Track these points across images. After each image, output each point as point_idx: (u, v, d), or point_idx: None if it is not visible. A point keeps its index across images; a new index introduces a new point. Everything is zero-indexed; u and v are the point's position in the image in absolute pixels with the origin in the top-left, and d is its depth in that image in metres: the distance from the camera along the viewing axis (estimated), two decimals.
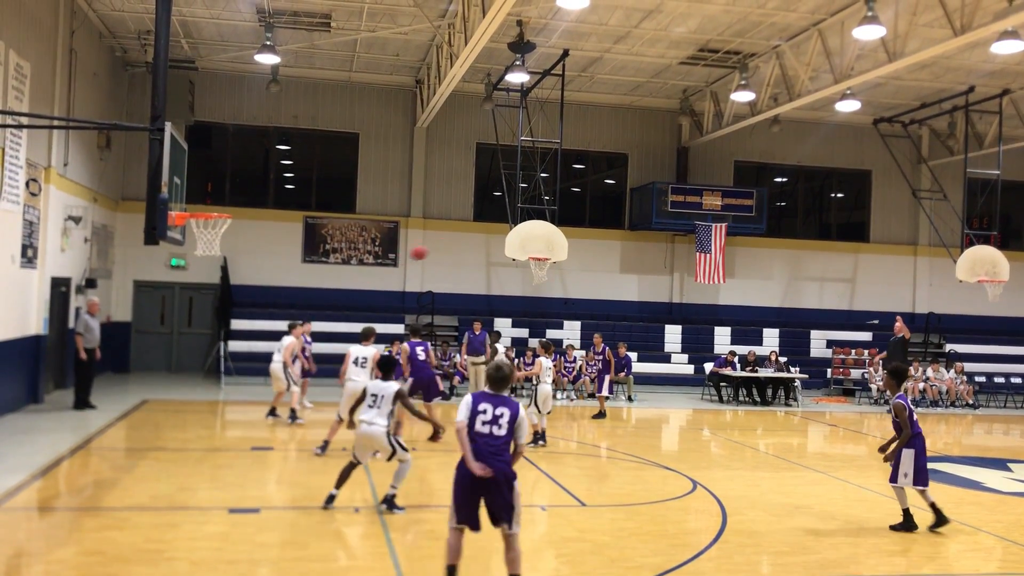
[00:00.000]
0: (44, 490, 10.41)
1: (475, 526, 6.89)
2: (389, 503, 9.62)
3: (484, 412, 6.78)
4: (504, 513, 6.75)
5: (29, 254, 16.12)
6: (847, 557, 8.80)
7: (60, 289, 17.80)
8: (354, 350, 13.38)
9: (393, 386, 9.62)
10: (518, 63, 19.52)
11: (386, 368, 9.82)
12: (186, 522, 8.98)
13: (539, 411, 14.23)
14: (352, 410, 10.32)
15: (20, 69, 15.04)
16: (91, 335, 16.18)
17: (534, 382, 14.71)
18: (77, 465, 11.81)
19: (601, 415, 18.25)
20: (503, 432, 6.77)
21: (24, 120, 14.96)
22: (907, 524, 9.56)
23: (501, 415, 6.80)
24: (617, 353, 21.65)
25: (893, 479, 9.70)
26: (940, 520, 9.61)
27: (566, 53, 20.62)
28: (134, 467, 12.00)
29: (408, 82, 24.82)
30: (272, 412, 15.88)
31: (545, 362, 14.47)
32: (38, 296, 16.51)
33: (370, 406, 9.57)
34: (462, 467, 6.84)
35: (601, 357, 19.53)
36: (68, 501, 10.04)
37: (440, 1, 18.14)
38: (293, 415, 15.49)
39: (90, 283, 20.03)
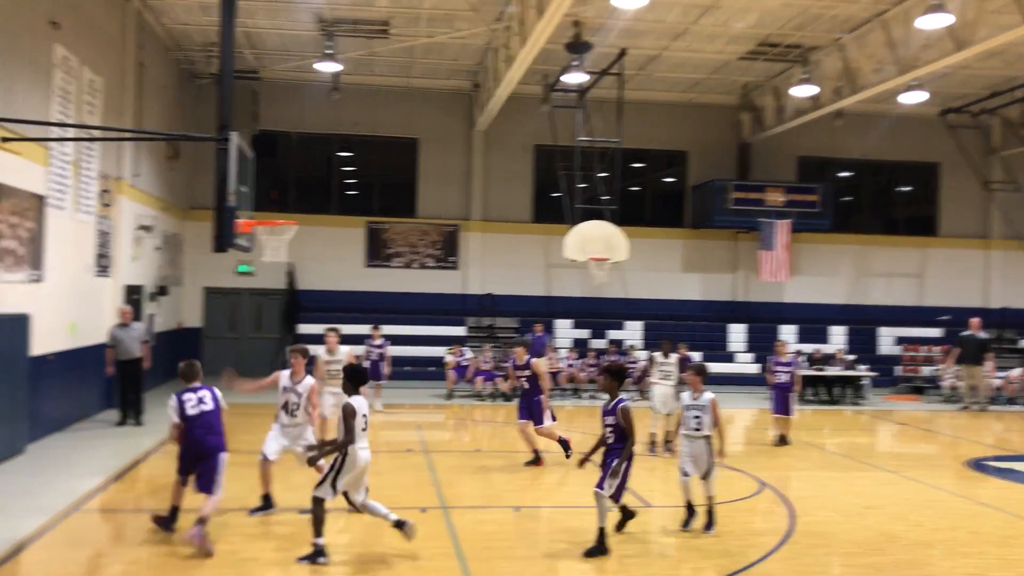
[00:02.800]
0: (120, 492, 10.74)
1: None
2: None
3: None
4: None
5: (103, 263, 16.62)
6: (921, 559, 8.63)
7: (133, 297, 18.30)
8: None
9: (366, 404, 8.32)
10: (575, 63, 19.49)
11: (357, 379, 8.32)
12: (256, 524, 9.17)
13: (655, 412, 13.94)
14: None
15: (93, 84, 15.52)
16: (122, 347, 15.22)
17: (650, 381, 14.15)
18: (151, 468, 12.13)
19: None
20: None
21: (97, 133, 15.45)
22: None
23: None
24: (679, 353, 21.49)
25: None
26: None
27: (623, 52, 20.55)
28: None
29: (466, 86, 24.97)
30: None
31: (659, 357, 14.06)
32: (112, 304, 17.00)
33: (363, 429, 8.17)
34: None
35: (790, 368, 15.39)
36: (143, 503, 10.33)
37: (496, 4, 18.22)
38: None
39: (161, 291, 20.57)
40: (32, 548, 8.22)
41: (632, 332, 24.51)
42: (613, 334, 24.23)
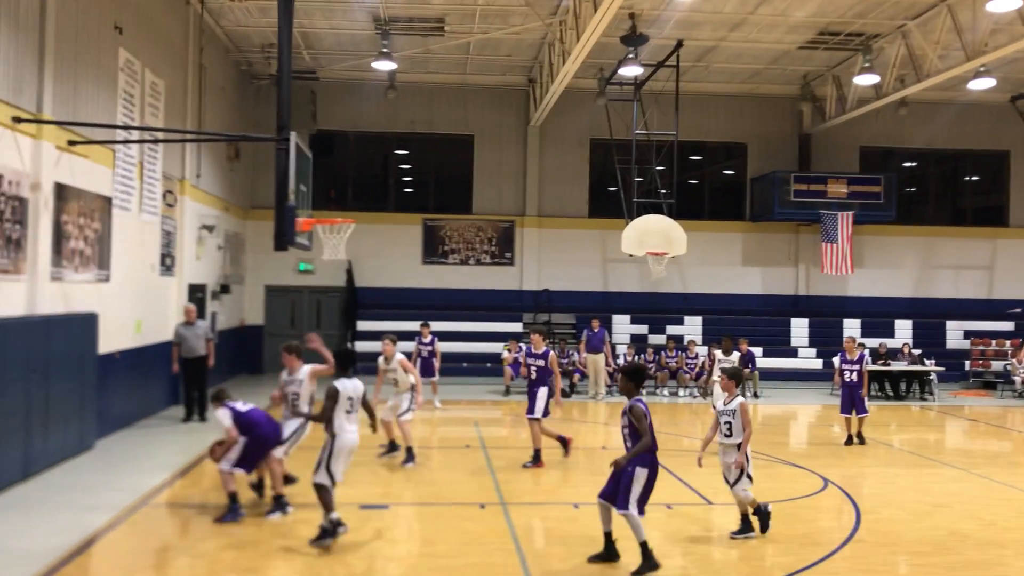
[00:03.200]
0: (185, 487, 10.94)
1: None
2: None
3: None
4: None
5: (167, 262, 16.97)
6: (993, 559, 8.38)
7: (196, 295, 18.65)
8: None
9: (362, 386, 8.65)
10: (631, 56, 19.34)
11: (345, 362, 8.66)
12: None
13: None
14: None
15: (155, 87, 15.84)
16: (186, 345, 15.44)
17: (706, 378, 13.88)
18: (216, 464, 12.32)
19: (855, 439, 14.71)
20: None
21: (160, 135, 15.77)
22: None
23: None
24: (739, 348, 21.25)
25: None
26: None
27: (680, 44, 20.33)
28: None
29: (521, 82, 24.94)
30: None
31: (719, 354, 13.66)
32: (177, 303, 17.35)
33: (348, 411, 8.47)
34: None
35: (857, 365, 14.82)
36: (209, 498, 10.51)
37: None
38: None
39: (224, 289, 20.93)
40: (102, 542, 8.42)
41: (691, 327, 24.26)
42: (672, 329, 24.00)
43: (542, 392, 12.22)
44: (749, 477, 8.97)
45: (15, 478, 10.37)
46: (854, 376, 14.57)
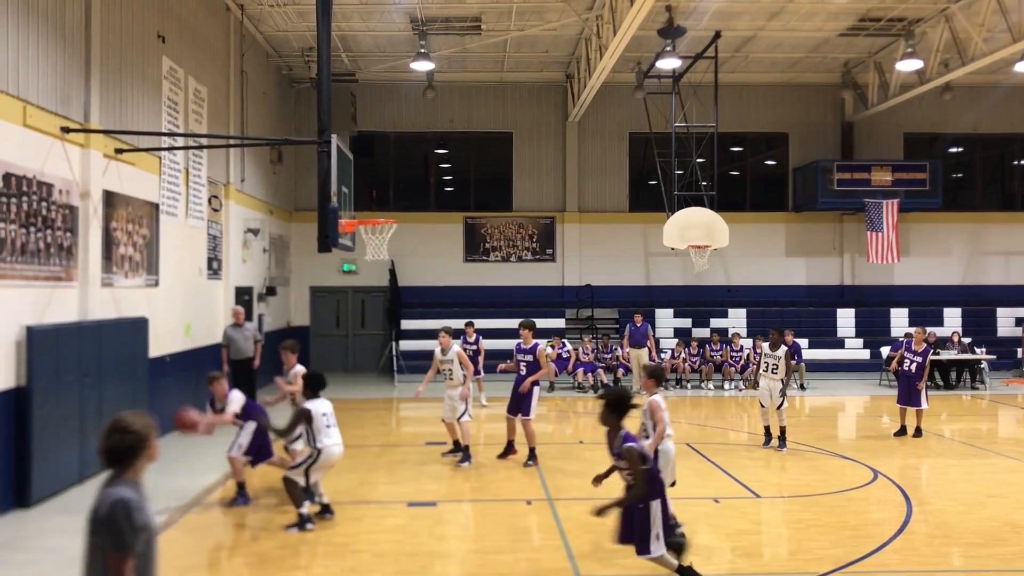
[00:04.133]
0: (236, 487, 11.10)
1: None
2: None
3: None
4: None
5: (214, 266, 17.24)
6: None
7: (244, 298, 18.92)
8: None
9: (330, 403, 9.16)
10: (668, 49, 19.21)
11: (316, 385, 9.09)
12: (367, 516, 9.38)
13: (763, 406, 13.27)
14: None
15: (198, 94, 16.10)
16: (235, 346, 15.63)
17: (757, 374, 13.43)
18: (265, 464, 12.50)
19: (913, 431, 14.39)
20: None
21: (204, 141, 16.03)
22: None
23: None
24: (785, 340, 21.03)
25: None
26: None
27: (718, 35, 20.18)
28: None
29: (558, 78, 24.93)
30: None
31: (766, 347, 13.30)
32: (224, 305, 17.62)
33: (328, 426, 9.03)
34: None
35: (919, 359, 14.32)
36: (258, 497, 10.67)
37: None
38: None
39: (270, 291, 21.21)
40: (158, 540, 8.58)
41: (736, 320, 24.08)
42: (716, 322, 23.86)
43: (536, 392, 12.29)
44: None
45: (71, 481, 10.64)
46: (913, 367, 14.11)
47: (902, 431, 14.27)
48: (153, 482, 11.04)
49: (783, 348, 13.20)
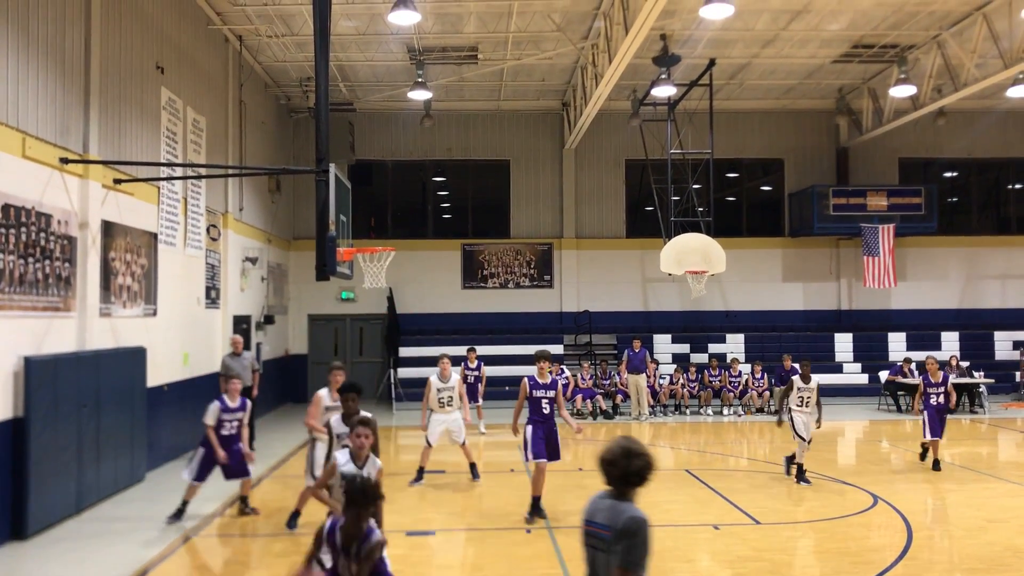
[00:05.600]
0: (235, 518, 11.06)
1: None
2: None
3: None
4: None
5: (212, 295, 17.25)
6: None
7: (242, 326, 18.92)
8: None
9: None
10: (663, 76, 19.39)
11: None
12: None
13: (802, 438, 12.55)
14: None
15: (197, 124, 16.20)
16: (233, 375, 15.86)
17: (790, 407, 12.64)
18: (263, 493, 12.48)
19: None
20: None
21: (202, 171, 16.10)
22: None
23: None
24: (783, 366, 21.05)
25: None
26: None
27: (712, 62, 20.36)
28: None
29: (555, 106, 25.10)
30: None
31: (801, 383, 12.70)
32: (223, 334, 17.62)
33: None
34: None
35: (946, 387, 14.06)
36: (257, 528, 10.64)
37: (583, 23, 18.29)
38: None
39: (268, 319, 21.21)
40: (155, 572, 8.54)
41: (734, 345, 24.09)
42: (714, 347, 23.87)
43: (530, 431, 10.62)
44: None
45: (69, 511, 10.59)
46: (941, 399, 13.76)
47: (937, 464, 13.51)
48: (154, 511, 11.02)
49: (815, 380, 12.81)
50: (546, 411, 10.54)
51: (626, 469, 4.23)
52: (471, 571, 8.64)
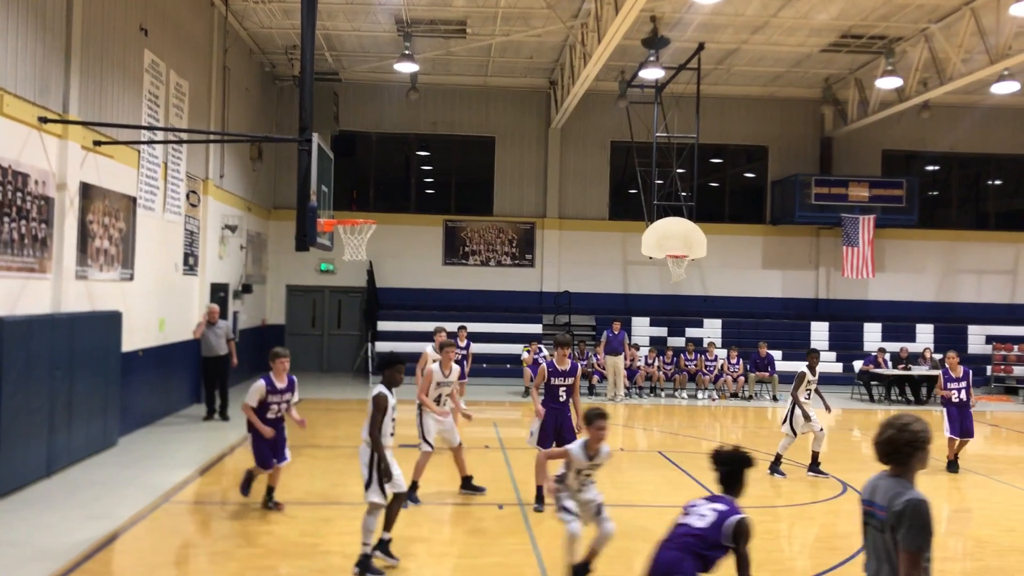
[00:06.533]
0: (208, 485, 11.05)
1: None
2: (365, 561, 7.47)
3: None
4: None
5: (190, 262, 17.13)
6: (1014, 565, 8.33)
7: (219, 294, 18.81)
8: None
9: (375, 389, 7.74)
10: (652, 59, 19.33)
11: (379, 366, 8.05)
12: (339, 517, 9.34)
13: (794, 432, 12.21)
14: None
15: (180, 88, 16.01)
16: (207, 343, 15.60)
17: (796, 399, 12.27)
18: (237, 461, 12.45)
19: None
20: None
21: (184, 136, 15.93)
22: None
23: None
24: (758, 353, 21.20)
25: None
26: None
27: (701, 46, 20.32)
28: (290, 464, 12.54)
29: (542, 84, 24.99)
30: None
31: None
32: (199, 301, 17.52)
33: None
34: None
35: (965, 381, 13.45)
36: (229, 495, 10.62)
37: (573, 1, 18.18)
38: None
39: (246, 288, 21.09)
40: (125, 537, 8.52)
41: (711, 330, 24.21)
42: (691, 332, 23.98)
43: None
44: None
45: (39, 474, 10.52)
46: (963, 395, 13.13)
47: (952, 465, 12.98)
48: (125, 476, 11.00)
49: (817, 372, 12.52)
50: (562, 399, 10.21)
51: (895, 442, 4.20)
52: (443, 545, 8.66)
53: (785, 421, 12.41)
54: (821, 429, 12.28)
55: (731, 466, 5.32)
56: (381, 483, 7.51)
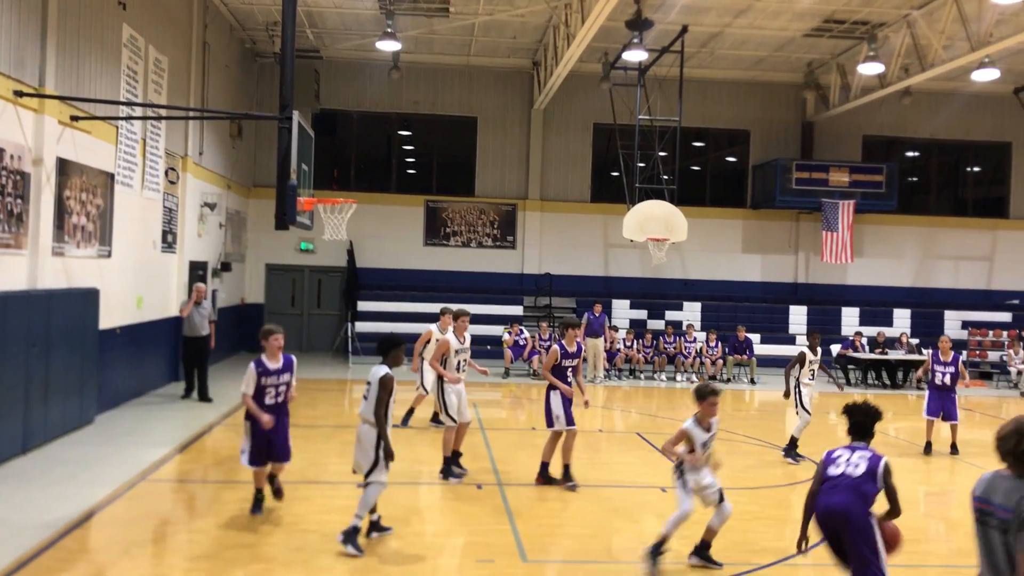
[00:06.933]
0: (185, 463, 11.02)
1: None
2: (349, 536, 7.53)
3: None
4: None
5: (169, 239, 17.00)
6: None
7: (198, 272, 18.69)
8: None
9: (380, 370, 7.74)
10: (635, 41, 19.27)
11: (382, 348, 7.89)
12: (317, 496, 9.35)
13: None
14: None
15: (159, 63, 15.83)
16: (189, 324, 15.28)
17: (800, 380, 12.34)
18: (215, 440, 12.43)
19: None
20: None
21: (163, 112, 15.76)
22: None
23: None
24: (736, 336, 21.33)
25: None
26: None
27: (685, 29, 20.29)
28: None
29: (525, 64, 24.89)
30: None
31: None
32: (178, 279, 17.40)
33: (365, 396, 7.80)
34: None
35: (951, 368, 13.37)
36: (208, 474, 10.60)
37: None
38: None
39: (225, 267, 20.97)
40: (101, 515, 8.49)
41: (691, 313, 24.31)
42: (671, 315, 24.07)
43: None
44: None
45: (15, 451, 10.45)
46: (947, 379, 13.17)
47: (928, 448, 13.16)
48: (102, 454, 10.95)
49: (819, 352, 12.56)
50: (569, 379, 10.28)
51: (1018, 446, 4.21)
52: (420, 524, 8.69)
53: (797, 405, 12.37)
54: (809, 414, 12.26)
55: (863, 417, 6.11)
56: (387, 463, 7.63)
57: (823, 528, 5.92)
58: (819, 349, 12.63)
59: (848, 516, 5.73)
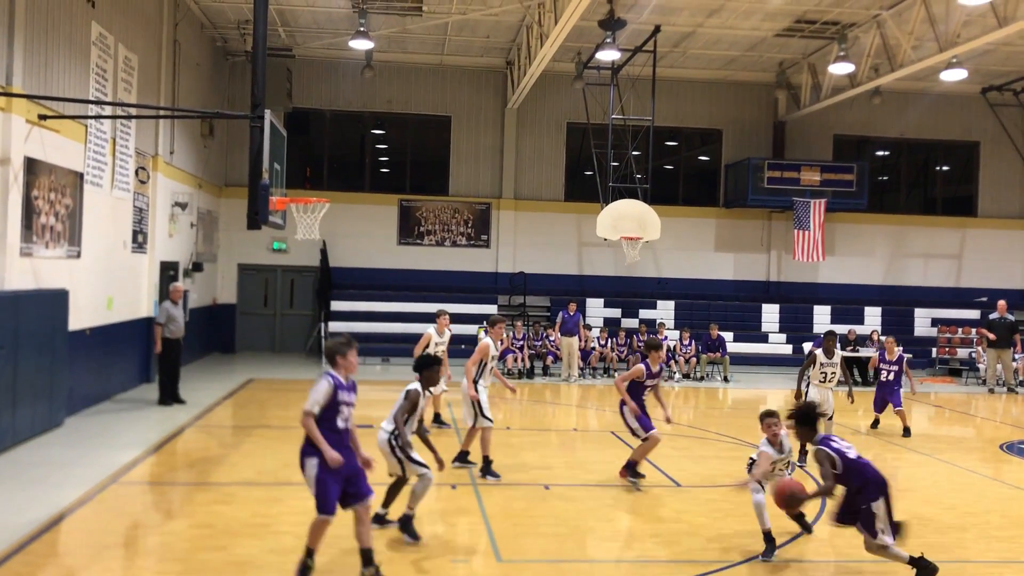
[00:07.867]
0: (157, 465, 10.92)
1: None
2: (404, 524, 8.05)
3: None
4: None
5: (139, 239, 16.83)
6: (953, 542, 8.57)
7: (168, 273, 18.52)
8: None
9: (411, 385, 8.24)
10: (608, 40, 19.33)
11: (418, 366, 8.39)
12: (291, 497, 9.29)
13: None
14: None
15: (128, 62, 15.66)
16: (174, 325, 14.85)
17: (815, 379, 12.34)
18: (187, 442, 12.32)
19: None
20: None
21: (133, 111, 15.60)
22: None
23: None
24: (709, 334, 21.45)
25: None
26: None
27: (658, 29, 20.37)
28: (240, 444, 12.47)
29: (499, 64, 24.88)
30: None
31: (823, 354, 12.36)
32: (148, 280, 17.24)
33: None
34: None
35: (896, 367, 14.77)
36: (179, 476, 10.51)
37: None
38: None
39: (196, 267, 20.79)
40: (71, 518, 8.39)
41: (664, 312, 24.41)
42: (645, 313, 24.17)
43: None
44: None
45: None
46: (891, 376, 14.63)
47: (876, 423, 15.05)
48: (71, 457, 10.82)
49: (839, 355, 12.50)
50: (645, 397, 10.54)
51: None
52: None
53: None
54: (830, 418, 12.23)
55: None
56: (411, 459, 8.02)
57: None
58: (836, 352, 12.54)
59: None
